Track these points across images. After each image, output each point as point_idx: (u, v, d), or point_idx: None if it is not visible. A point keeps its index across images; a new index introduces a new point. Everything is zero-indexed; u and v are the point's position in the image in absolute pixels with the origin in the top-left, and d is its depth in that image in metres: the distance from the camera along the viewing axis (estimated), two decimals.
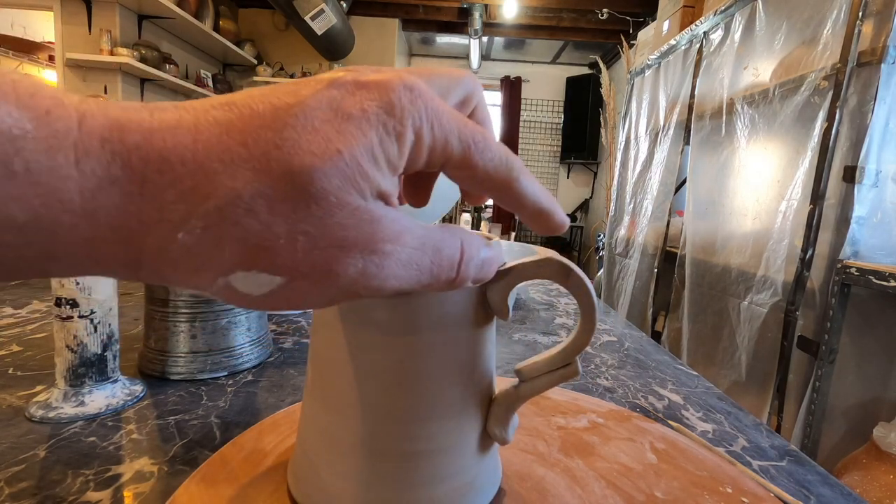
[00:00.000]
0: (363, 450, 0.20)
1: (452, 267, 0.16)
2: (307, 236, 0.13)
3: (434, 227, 0.16)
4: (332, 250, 0.13)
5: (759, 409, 1.31)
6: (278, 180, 0.12)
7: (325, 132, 0.12)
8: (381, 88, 0.13)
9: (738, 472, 0.28)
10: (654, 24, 2.44)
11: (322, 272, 0.13)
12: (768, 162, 1.41)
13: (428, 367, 0.20)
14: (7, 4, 3.04)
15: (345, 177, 0.13)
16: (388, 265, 0.14)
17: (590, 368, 0.48)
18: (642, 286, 2.19)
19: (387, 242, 0.14)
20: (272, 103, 0.13)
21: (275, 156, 0.12)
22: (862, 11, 1.11)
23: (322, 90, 0.13)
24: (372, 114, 0.13)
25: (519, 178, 0.16)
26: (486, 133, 0.15)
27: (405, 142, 0.14)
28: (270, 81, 4.03)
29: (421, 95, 0.14)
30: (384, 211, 0.14)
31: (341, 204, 0.13)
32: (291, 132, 0.12)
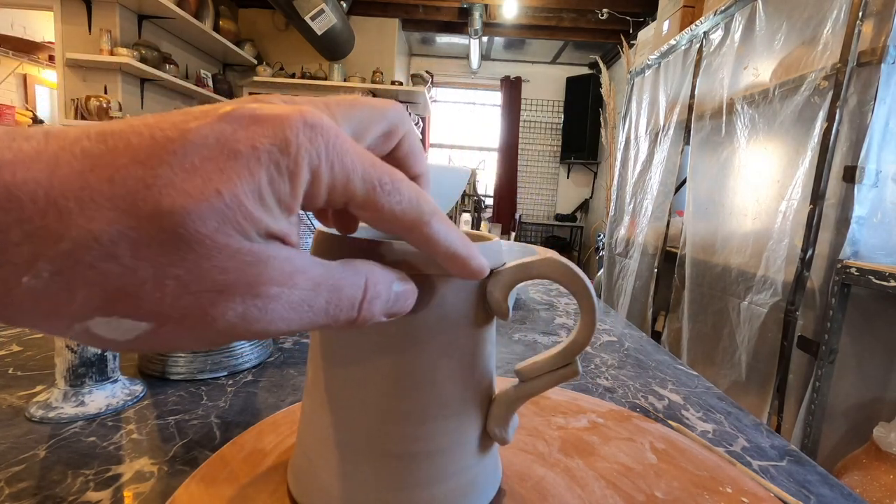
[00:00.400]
0: (363, 450, 0.20)
1: (353, 306, 0.15)
2: (178, 280, 0.12)
3: (336, 265, 0.15)
4: (207, 294, 0.12)
5: (759, 409, 1.31)
6: (145, 222, 0.11)
7: (206, 170, 0.11)
8: (276, 124, 0.12)
9: (738, 472, 0.28)
10: (654, 24, 2.44)
11: (196, 317, 0.12)
12: (768, 162, 1.41)
13: (428, 367, 0.20)
14: (7, 4, 3.04)
15: (224, 218, 0.12)
16: (273, 308, 0.13)
17: (590, 368, 0.48)
18: (642, 286, 2.19)
19: (273, 285, 0.13)
20: (152, 136, 0.12)
21: (143, 195, 0.11)
22: (862, 11, 1.11)
23: (211, 123, 0.12)
24: (263, 151, 0.12)
25: (430, 222, 0.15)
26: (395, 175, 0.15)
27: (299, 181, 0.13)
28: (270, 81, 4.03)
29: (322, 132, 0.13)
30: (274, 251, 0.13)
31: (219, 247, 0.12)
32: (166, 170, 0.11)
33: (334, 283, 0.14)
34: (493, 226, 5.12)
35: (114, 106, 2.78)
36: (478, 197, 4.03)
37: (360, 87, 4.07)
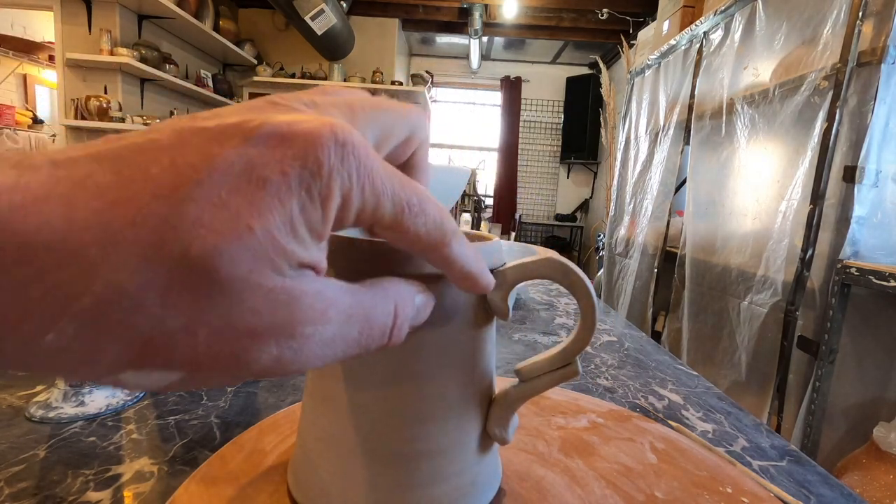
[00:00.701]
0: (363, 450, 0.20)
1: (384, 334, 0.14)
2: (210, 328, 0.11)
3: (365, 291, 0.14)
4: (240, 340, 0.11)
5: (759, 409, 1.31)
6: (174, 268, 0.10)
7: (235, 204, 0.11)
8: (306, 144, 0.11)
9: (738, 472, 0.28)
10: (654, 24, 2.44)
11: (229, 363, 0.11)
12: (768, 162, 1.41)
13: (428, 368, 0.20)
14: (7, 4, 3.04)
15: (257, 256, 0.11)
16: (307, 348, 0.12)
17: (590, 368, 0.48)
18: (642, 286, 2.19)
19: (307, 324, 0.12)
20: (173, 164, 0.10)
21: (170, 238, 0.10)
22: (862, 11, 1.11)
23: (237, 147, 0.11)
24: (293, 177, 0.11)
25: (450, 243, 0.15)
26: (422, 194, 0.14)
27: (331, 206, 0.12)
28: (270, 81, 4.03)
29: (353, 151, 0.12)
30: (307, 286, 0.12)
31: (253, 287, 0.11)
32: (192, 207, 0.10)
33: (365, 312, 0.14)
34: (493, 226, 5.12)
35: (114, 106, 2.78)
36: (478, 197, 4.02)
37: (360, 86, 4.07)
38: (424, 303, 0.17)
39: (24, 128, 3.96)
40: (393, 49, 4.26)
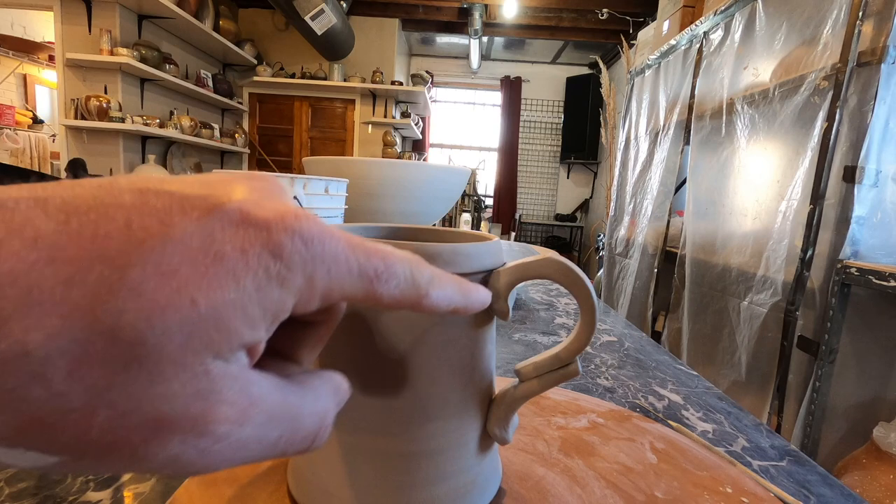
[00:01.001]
0: (363, 450, 0.20)
1: (307, 439, 0.13)
2: (112, 412, 0.09)
3: (297, 389, 0.13)
4: (142, 429, 0.10)
5: (759, 409, 1.31)
6: (97, 336, 0.09)
7: (184, 276, 0.10)
8: (270, 226, 0.11)
9: (738, 472, 0.28)
10: (654, 24, 2.44)
11: (120, 455, 0.10)
12: (768, 162, 1.41)
13: (428, 367, 0.20)
14: (7, 4, 3.04)
15: (193, 332, 0.10)
16: (214, 450, 0.11)
17: (590, 368, 0.48)
18: (642, 286, 2.19)
19: (222, 423, 0.11)
20: (128, 225, 0.10)
21: (104, 302, 0.09)
22: (862, 11, 1.11)
23: (198, 219, 0.10)
24: (253, 256, 0.11)
25: (427, 294, 0.14)
26: (388, 258, 0.13)
27: (291, 288, 0.11)
28: (270, 81, 4.03)
29: (318, 236, 0.12)
30: (235, 375, 0.11)
31: (178, 368, 0.10)
32: (138, 272, 0.10)
33: (292, 414, 0.12)
34: (493, 226, 5.13)
35: (114, 106, 2.78)
36: (478, 197, 4.03)
37: (360, 86, 4.07)
38: (345, 397, 0.15)
39: (24, 128, 3.96)
40: (393, 49, 4.26)
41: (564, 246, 5.16)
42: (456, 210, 3.47)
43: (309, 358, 0.16)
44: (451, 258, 0.19)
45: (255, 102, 4.31)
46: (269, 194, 0.13)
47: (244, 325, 0.11)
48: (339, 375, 0.15)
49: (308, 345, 0.16)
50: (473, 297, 0.17)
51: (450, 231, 0.26)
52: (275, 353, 0.16)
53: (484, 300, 0.18)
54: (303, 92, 4.22)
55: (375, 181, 0.87)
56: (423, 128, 4.92)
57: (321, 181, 0.61)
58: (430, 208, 0.97)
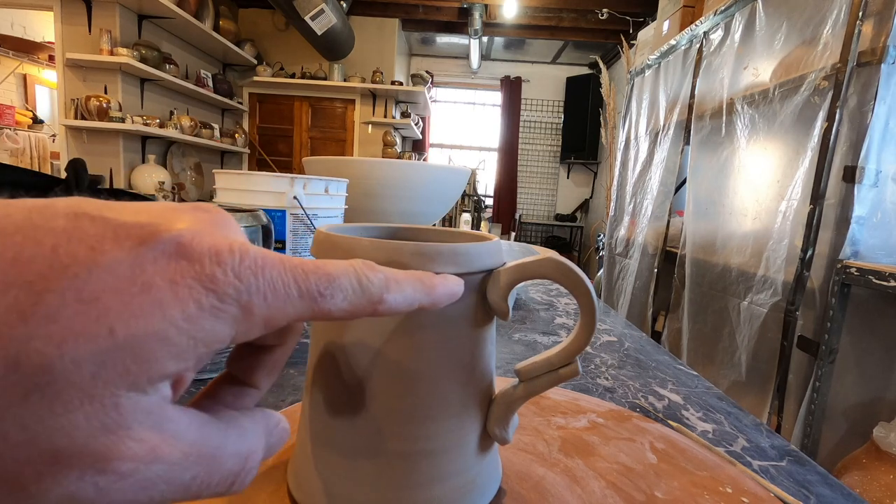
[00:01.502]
0: (363, 450, 0.20)
1: (225, 480, 0.12)
2: (4, 441, 0.09)
3: (220, 426, 0.12)
4: (37, 464, 0.09)
5: (759, 409, 1.31)
6: (2, 363, 0.09)
7: (105, 304, 0.10)
8: (203, 257, 0.11)
9: (738, 472, 0.28)
10: (654, 24, 2.44)
11: (8, 490, 0.09)
12: (768, 162, 1.41)
13: (428, 367, 0.20)
14: (7, 4, 3.04)
15: (106, 363, 0.10)
16: (118, 489, 0.10)
17: (590, 368, 0.48)
18: (642, 286, 2.19)
19: (127, 460, 0.10)
20: (54, 250, 0.10)
21: (11, 326, 0.09)
22: (862, 11, 1.11)
23: (131, 248, 0.10)
24: (183, 287, 0.11)
25: (383, 299, 0.14)
26: (331, 273, 0.13)
27: (226, 319, 0.11)
28: (270, 81, 4.03)
29: (251, 265, 0.12)
30: (148, 410, 0.10)
31: (84, 398, 0.09)
32: (55, 298, 0.09)
33: (211, 453, 0.12)
34: (493, 226, 5.13)
35: (114, 106, 2.78)
36: (478, 197, 4.03)
37: (360, 86, 4.07)
38: (280, 437, 0.15)
39: (24, 128, 3.96)
40: (393, 49, 4.26)
41: (564, 246, 5.16)
42: (456, 210, 3.47)
43: (267, 382, 0.16)
44: (451, 258, 0.19)
45: (255, 102, 4.31)
46: (211, 225, 0.12)
47: (168, 357, 0.10)
48: (277, 415, 0.15)
49: (265, 369, 0.16)
50: (439, 291, 0.16)
51: (450, 231, 0.26)
52: (232, 379, 0.16)
53: (453, 292, 0.17)
54: (303, 92, 4.22)
55: (375, 181, 0.87)
56: (423, 128, 4.92)
57: (321, 181, 0.61)
58: (430, 208, 0.97)
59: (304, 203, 0.57)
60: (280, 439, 0.15)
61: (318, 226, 0.58)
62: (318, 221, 0.59)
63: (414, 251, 0.19)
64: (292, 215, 0.57)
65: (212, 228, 0.12)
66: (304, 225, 0.58)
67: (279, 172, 0.59)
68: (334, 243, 0.20)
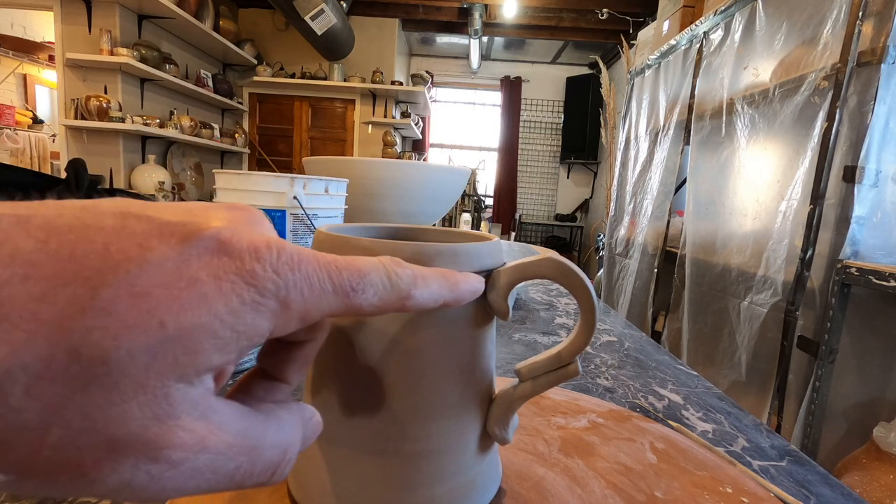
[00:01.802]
0: (363, 449, 0.20)
1: (266, 471, 0.13)
2: (66, 430, 0.09)
3: (261, 419, 0.13)
4: (94, 450, 0.10)
5: (759, 409, 1.31)
6: (62, 353, 0.09)
7: (155, 297, 0.10)
8: (244, 253, 0.11)
9: (738, 472, 0.28)
10: (654, 24, 2.44)
11: (70, 476, 0.10)
12: (768, 162, 1.41)
13: (428, 367, 0.20)
14: (7, 4, 3.04)
15: (157, 354, 0.10)
16: (167, 476, 0.10)
17: (590, 368, 0.48)
18: (642, 286, 2.19)
19: (177, 449, 0.10)
20: (105, 247, 0.10)
21: (72, 320, 0.09)
22: (862, 11, 1.11)
23: (175, 245, 0.11)
24: (226, 281, 0.11)
25: (410, 295, 0.15)
26: (362, 269, 0.14)
27: (265, 313, 0.12)
28: (270, 81, 4.03)
29: (288, 261, 0.12)
30: (196, 401, 0.11)
31: (138, 388, 0.10)
32: (110, 292, 0.10)
33: (253, 444, 0.12)
34: (493, 226, 5.13)
35: (114, 106, 2.78)
36: (478, 197, 4.03)
37: (360, 86, 4.07)
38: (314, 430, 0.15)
39: (24, 128, 3.97)
40: (393, 49, 4.26)
41: (564, 246, 5.16)
42: (456, 210, 3.47)
43: (297, 376, 0.16)
44: (451, 258, 0.19)
45: (255, 102, 4.31)
46: (247, 223, 0.13)
47: (213, 349, 0.11)
48: (311, 409, 0.15)
49: (295, 364, 0.16)
50: (462, 288, 0.17)
51: (450, 231, 0.26)
52: (263, 374, 0.16)
53: (475, 289, 0.18)
54: (303, 92, 4.22)
55: (375, 181, 0.87)
56: (423, 128, 4.92)
57: (321, 181, 0.61)
58: (430, 208, 0.97)
59: (304, 203, 0.57)
60: (314, 432, 0.15)
61: (318, 226, 0.58)
62: (318, 221, 0.59)
63: (414, 251, 0.19)
64: (292, 215, 0.57)
65: (248, 226, 0.13)
66: (304, 225, 0.58)
67: (279, 172, 0.59)
68: (334, 243, 0.20)
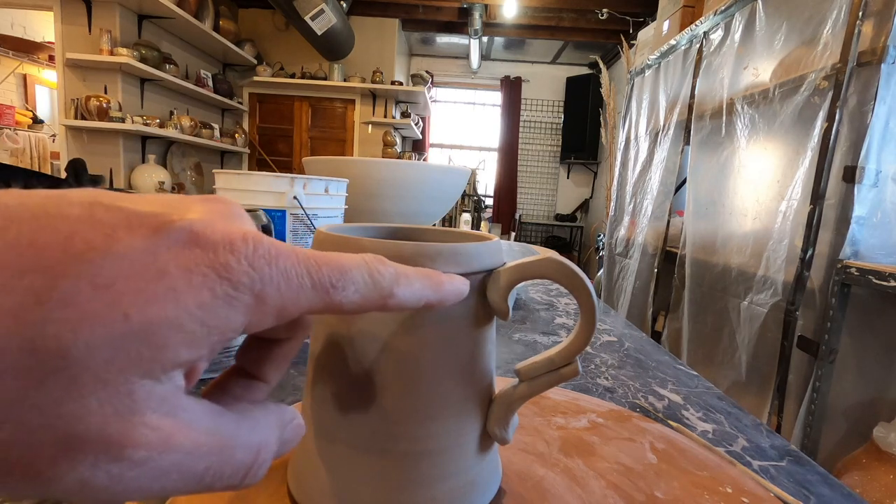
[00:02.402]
0: (363, 449, 0.20)
1: (237, 472, 0.12)
2: (20, 426, 0.09)
3: (233, 418, 0.12)
4: (51, 448, 0.09)
5: (759, 409, 1.31)
6: (18, 346, 0.09)
7: (119, 290, 0.10)
8: (217, 246, 0.11)
9: (738, 472, 0.28)
10: (654, 24, 2.44)
11: (23, 475, 0.09)
12: (768, 162, 1.41)
13: (428, 367, 0.20)
14: (7, 4, 3.04)
15: (120, 348, 0.10)
16: (131, 477, 0.10)
17: (590, 368, 0.48)
18: (642, 286, 2.19)
19: (140, 448, 0.10)
20: (69, 237, 0.10)
21: (28, 313, 0.09)
22: (862, 11, 1.11)
23: (145, 235, 0.10)
24: (197, 274, 0.11)
25: (392, 293, 0.14)
26: (343, 265, 0.13)
27: (239, 307, 0.11)
28: (270, 81, 4.03)
29: (265, 254, 0.12)
30: (162, 397, 0.10)
31: (98, 384, 0.09)
32: (70, 283, 0.09)
33: (223, 443, 0.12)
34: (493, 226, 5.13)
35: (114, 106, 2.78)
36: (478, 197, 4.03)
37: (360, 86, 4.07)
38: (294, 437, 0.15)
39: (24, 128, 3.96)
40: (393, 49, 4.26)
41: (564, 246, 5.16)
42: (456, 210, 3.47)
43: (276, 375, 0.16)
44: (451, 258, 0.19)
45: (255, 102, 4.31)
46: (223, 216, 0.13)
47: (181, 344, 0.10)
48: (292, 410, 0.15)
49: (274, 362, 0.16)
50: (446, 289, 0.16)
51: (450, 231, 0.26)
52: (241, 372, 0.16)
53: (459, 291, 0.17)
54: (303, 92, 4.22)
55: (375, 181, 0.87)
56: (423, 128, 4.92)
57: (321, 181, 0.61)
58: (430, 208, 0.97)
59: (304, 203, 0.57)
60: (295, 435, 0.15)
61: (318, 226, 0.58)
62: (318, 221, 0.59)
63: (414, 251, 0.19)
64: (292, 215, 0.57)
65: (224, 219, 0.12)
66: (304, 225, 0.58)
67: (279, 172, 0.59)
68: (334, 243, 0.20)
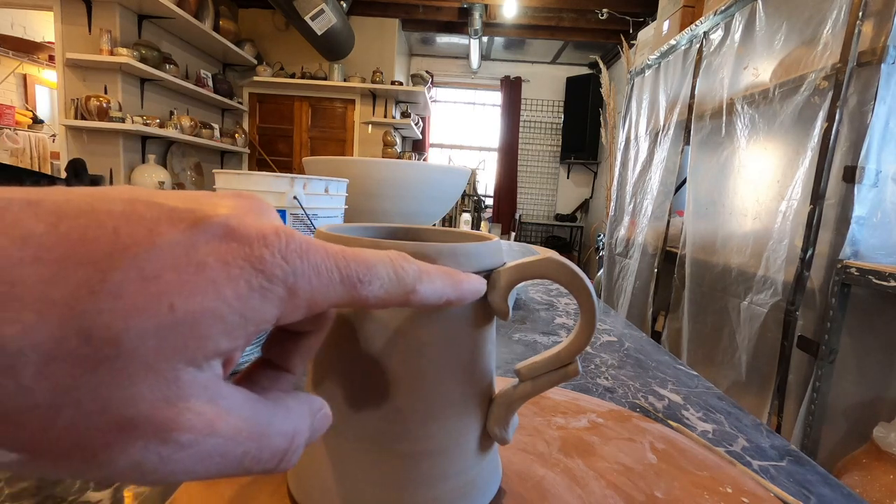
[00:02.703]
0: (363, 449, 0.20)
1: (274, 457, 0.13)
2: (77, 410, 0.09)
3: (269, 405, 0.13)
4: (104, 432, 0.10)
5: (759, 409, 1.31)
6: (72, 334, 0.09)
7: (165, 281, 0.10)
8: (252, 240, 0.12)
9: (738, 472, 0.28)
10: (654, 24, 2.44)
11: (80, 457, 0.10)
12: (768, 162, 1.41)
13: (428, 367, 0.20)
14: (7, 4, 3.04)
15: (167, 337, 0.10)
16: (176, 459, 0.11)
17: (590, 368, 0.48)
18: (642, 286, 2.19)
19: (187, 431, 0.11)
20: (115, 231, 0.10)
21: (83, 302, 0.09)
22: (862, 11, 1.11)
23: (184, 230, 0.11)
24: (234, 267, 0.11)
25: (415, 290, 0.15)
26: (369, 261, 0.14)
27: (273, 299, 0.12)
28: (270, 81, 4.03)
29: (297, 249, 0.12)
30: (205, 385, 0.11)
31: (148, 371, 0.10)
32: (119, 275, 0.10)
33: (261, 430, 0.12)
34: (493, 226, 5.13)
35: (114, 106, 2.78)
36: (478, 197, 4.03)
37: (360, 86, 4.07)
38: (322, 424, 0.15)
39: (24, 128, 3.96)
40: (393, 49, 4.26)
41: (564, 246, 5.16)
42: (456, 210, 3.47)
43: (301, 366, 0.17)
44: (451, 258, 0.19)
45: (255, 102, 4.30)
46: (254, 211, 0.13)
47: (221, 334, 0.11)
48: (321, 401, 0.15)
49: (299, 353, 0.16)
50: (465, 287, 0.17)
51: (450, 231, 0.26)
52: (268, 363, 0.16)
53: (477, 289, 0.18)
54: (303, 92, 4.22)
55: (375, 181, 0.87)
56: (423, 128, 4.92)
57: (321, 181, 0.61)
58: (430, 208, 0.97)
59: (304, 203, 0.57)
60: (323, 424, 0.15)
61: (318, 226, 0.58)
62: (318, 221, 0.59)
63: (414, 251, 0.19)
64: (292, 215, 0.57)
65: (255, 214, 0.13)
66: (305, 225, 0.58)
67: (279, 172, 0.59)
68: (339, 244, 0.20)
